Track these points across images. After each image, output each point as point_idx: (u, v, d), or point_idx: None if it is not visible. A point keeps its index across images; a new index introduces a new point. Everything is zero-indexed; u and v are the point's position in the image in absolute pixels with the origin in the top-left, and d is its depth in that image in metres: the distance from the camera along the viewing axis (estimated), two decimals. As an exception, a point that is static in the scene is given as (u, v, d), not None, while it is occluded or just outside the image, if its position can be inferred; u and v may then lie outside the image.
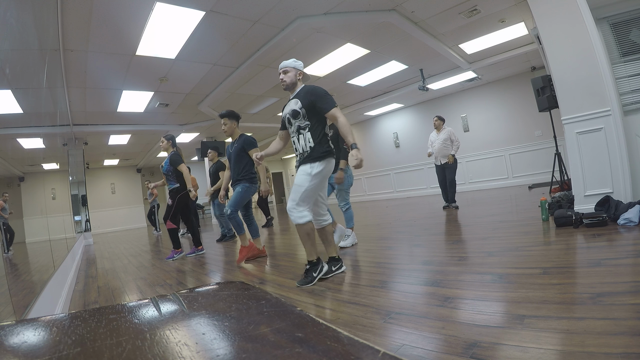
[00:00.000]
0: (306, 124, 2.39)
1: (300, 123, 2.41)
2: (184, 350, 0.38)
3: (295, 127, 2.44)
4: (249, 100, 7.68)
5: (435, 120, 5.93)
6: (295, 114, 2.41)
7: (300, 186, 2.36)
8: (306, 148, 2.40)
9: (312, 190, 2.39)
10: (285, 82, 2.48)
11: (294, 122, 2.44)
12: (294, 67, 2.48)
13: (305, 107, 2.37)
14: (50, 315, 0.52)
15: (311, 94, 2.38)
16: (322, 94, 2.37)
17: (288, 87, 2.49)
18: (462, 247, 3.04)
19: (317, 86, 2.43)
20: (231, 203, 3.57)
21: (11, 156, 2.20)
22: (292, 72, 2.47)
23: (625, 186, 3.04)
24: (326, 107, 2.34)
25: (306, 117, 2.38)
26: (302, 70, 2.51)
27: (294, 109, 2.41)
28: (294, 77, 2.47)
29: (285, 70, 2.48)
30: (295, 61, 2.51)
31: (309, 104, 2.36)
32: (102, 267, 4.53)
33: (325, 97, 2.35)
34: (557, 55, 3.32)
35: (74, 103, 6.21)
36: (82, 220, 8.96)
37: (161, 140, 4.41)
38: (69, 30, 3.86)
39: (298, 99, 2.41)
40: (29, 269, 2.38)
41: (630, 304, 1.37)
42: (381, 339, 1.44)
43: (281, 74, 2.50)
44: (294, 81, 2.48)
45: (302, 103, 2.38)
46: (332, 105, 2.33)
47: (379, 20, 4.70)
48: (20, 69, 2.16)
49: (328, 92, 2.41)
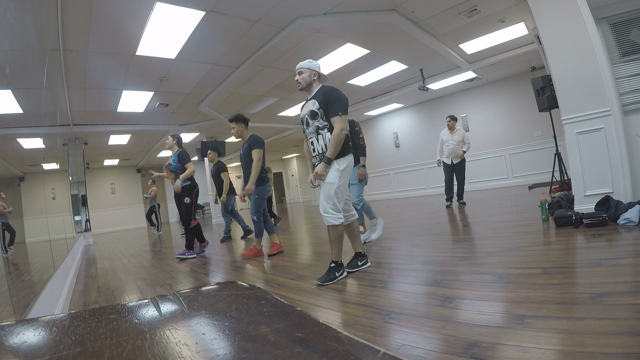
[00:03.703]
0: (324, 124, 2.40)
1: (318, 123, 2.42)
2: (184, 350, 0.38)
3: (314, 127, 2.44)
4: (249, 100, 7.68)
5: (448, 121, 6.23)
6: (314, 115, 2.42)
7: (332, 184, 2.36)
8: (326, 148, 2.40)
9: (344, 186, 2.43)
10: (300, 83, 2.49)
11: (312, 122, 2.45)
12: (308, 68, 2.48)
13: (322, 108, 2.38)
14: (50, 315, 0.52)
15: (325, 94, 2.39)
16: (335, 98, 2.37)
17: (304, 88, 2.51)
18: (462, 247, 3.04)
19: (334, 88, 2.43)
20: (252, 210, 3.80)
21: (11, 156, 2.20)
22: (307, 73, 2.47)
23: (625, 186, 3.04)
24: (332, 111, 2.35)
25: (324, 117, 2.39)
26: (318, 70, 2.50)
27: (312, 109, 2.42)
28: (309, 77, 2.47)
29: (300, 71, 2.49)
30: (311, 62, 2.51)
31: (325, 104, 2.38)
32: (102, 267, 4.53)
33: (335, 102, 2.35)
34: (557, 55, 3.31)
35: (74, 103, 6.21)
36: (82, 220, 8.96)
37: (167, 138, 4.44)
38: (69, 30, 3.86)
39: (316, 100, 2.42)
40: (29, 269, 2.38)
41: (630, 304, 1.37)
42: (381, 339, 1.44)
43: (296, 75, 2.51)
44: (309, 82, 2.48)
45: (320, 104, 2.39)
46: (337, 112, 2.33)
47: (379, 20, 4.70)
48: (20, 69, 2.16)
49: (343, 97, 2.40)
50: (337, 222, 2.39)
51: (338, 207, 2.39)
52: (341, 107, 2.35)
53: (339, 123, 2.32)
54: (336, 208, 2.38)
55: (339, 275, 2.43)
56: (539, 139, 7.99)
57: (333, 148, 2.33)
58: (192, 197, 4.28)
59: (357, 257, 2.65)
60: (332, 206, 2.37)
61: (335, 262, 2.45)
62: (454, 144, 6.01)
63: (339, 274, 2.44)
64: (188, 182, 4.28)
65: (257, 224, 3.82)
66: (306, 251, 4.07)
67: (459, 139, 6.00)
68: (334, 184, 2.36)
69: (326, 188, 2.39)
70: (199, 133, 10.06)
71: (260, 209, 3.78)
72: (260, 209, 3.78)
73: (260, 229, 3.85)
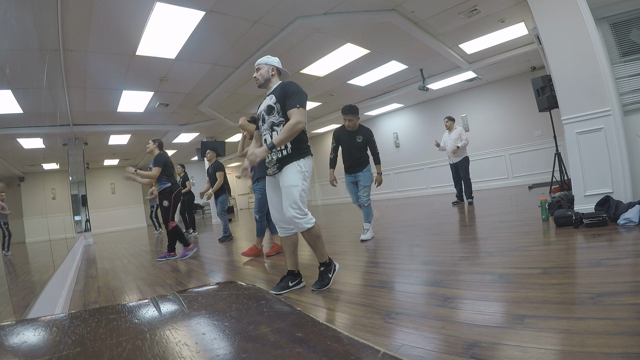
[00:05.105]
0: (280, 120, 2.23)
1: (274, 119, 2.25)
2: (184, 350, 0.38)
3: (269, 123, 2.28)
4: (249, 100, 7.68)
5: (445, 122, 6.30)
6: (270, 110, 2.27)
7: (295, 186, 2.18)
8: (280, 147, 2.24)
9: (307, 189, 2.27)
10: (258, 79, 2.38)
11: (267, 118, 2.28)
12: (266, 63, 2.37)
13: (280, 102, 2.23)
14: (50, 315, 0.52)
15: (283, 88, 2.25)
16: (293, 91, 2.20)
17: (262, 85, 2.39)
18: (462, 247, 3.04)
19: (293, 82, 2.28)
20: (255, 209, 3.82)
21: (11, 156, 2.20)
22: (265, 69, 2.36)
23: (625, 186, 3.04)
24: (289, 104, 2.18)
25: (280, 113, 2.24)
26: (277, 65, 2.39)
27: (269, 104, 2.28)
28: (267, 73, 2.36)
29: (258, 67, 2.38)
30: (269, 57, 2.40)
31: (282, 98, 2.23)
32: (102, 267, 4.53)
33: (293, 95, 2.19)
34: (557, 55, 3.31)
35: (74, 103, 6.21)
36: (82, 220, 8.96)
37: (148, 143, 4.41)
38: (69, 30, 3.86)
39: (274, 95, 2.28)
40: (29, 269, 2.38)
41: (630, 304, 1.37)
42: (381, 339, 1.44)
43: (255, 72, 2.40)
44: (267, 77, 2.36)
45: (277, 98, 2.25)
46: (295, 104, 2.16)
47: (379, 20, 4.70)
48: (20, 69, 2.16)
49: (301, 90, 2.24)
50: (309, 224, 2.23)
51: (304, 210, 2.22)
52: (299, 100, 2.17)
53: (296, 115, 2.14)
54: (302, 212, 2.21)
55: (332, 275, 2.34)
56: (539, 139, 7.99)
57: (283, 136, 2.14)
58: (170, 201, 4.25)
59: (289, 277, 2.40)
60: (298, 210, 2.18)
61: (323, 263, 2.35)
62: (451, 143, 6.08)
63: (332, 273, 2.35)
64: (168, 184, 4.25)
65: (259, 223, 3.83)
66: (306, 251, 4.06)
67: (455, 137, 6.06)
68: (297, 187, 2.18)
69: (290, 192, 2.18)
70: (199, 133, 10.05)
71: (263, 207, 3.78)
72: (264, 208, 3.78)
73: (262, 228, 3.85)
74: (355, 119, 3.78)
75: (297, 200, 2.18)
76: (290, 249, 2.40)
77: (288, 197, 2.19)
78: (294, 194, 2.17)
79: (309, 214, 2.26)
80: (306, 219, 2.22)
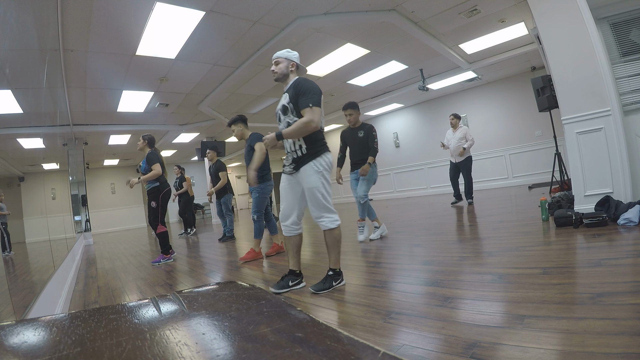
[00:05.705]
0: (295, 120, 2.17)
1: (289, 120, 2.19)
2: (184, 350, 0.38)
3: (285, 124, 2.22)
4: (249, 100, 7.68)
5: (451, 119, 6.22)
6: (285, 110, 2.22)
7: (314, 187, 2.16)
8: (294, 147, 2.21)
9: (328, 185, 2.22)
10: (276, 73, 2.29)
11: (283, 118, 2.23)
12: (286, 58, 2.28)
13: (292, 102, 2.17)
14: (50, 315, 0.52)
15: (296, 87, 2.18)
16: (305, 89, 2.13)
17: (279, 79, 2.30)
18: (462, 247, 3.04)
19: (306, 79, 2.21)
20: (253, 209, 3.76)
21: (11, 156, 2.20)
22: (284, 63, 2.27)
23: (625, 186, 3.04)
24: (302, 103, 2.12)
25: (294, 112, 2.18)
26: (296, 61, 2.30)
27: (283, 104, 2.22)
28: (286, 68, 2.27)
29: (277, 61, 2.29)
30: (289, 51, 2.31)
31: (295, 97, 2.17)
32: (102, 267, 4.52)
33: (306, 93, 2.12)
34: (557, 55, 3.31)
35: (74, 103, 6.21)
36: (82, 220, 8.95)
37: (139, 140, 4.25)
38: (69, 30, 3.86)
39: (287, 94, 2.22)
40: (29, 269, 2.38)
41: (630, 304, 1.37)
42: (381, 339, 1.44)
43: (273, 64, 2.31)
44: (286, 73, 2.27)
45: (290, 98, 2.18)
46: (307, 104, 2.09)
47: (379, 20, 4.70)
48: (20, 69, 2.16)
49: (315, 88, 2.16)
50: (334, 224, 2.20)
51: (331, 209, 2.21)
52: (312, 99, 2.09)
53: (308, 115, 2.08)
54: (329, 210, 2.20)
55: (336, 284, 2.26)
56: (539, 139, 7.99)
57: (292, 130, 2.10)
58: (158, 201, 4.09)
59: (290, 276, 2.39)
60: (325, 210, 2.19)
61: (334, 270, 2.27)
62: (455, 142, 6.02)
63: (337, 282, 2.26)
64: (156, 183, 4.08)
65: (257, 223, 3.76)
66: (306, 251, 4.06)
67: (460, 137, 5.99)
68: (317, 187, 2.16)
69: (312, 194, 2.18)
70: (199, 133, 10.06)
71: (261, 208, 3.74)
72: (262, 208, 3.74)
73: (260, 228, 3.77)
74: (355, 113, 3.81)
75: (320, 201, 2.18)
76: (294, 248, 2.39)
77: (310, 200, 2.21)
78: (316, 196, 2.17)
79: (335, 214, 2.24)
80: (330, 219, 2.21)
